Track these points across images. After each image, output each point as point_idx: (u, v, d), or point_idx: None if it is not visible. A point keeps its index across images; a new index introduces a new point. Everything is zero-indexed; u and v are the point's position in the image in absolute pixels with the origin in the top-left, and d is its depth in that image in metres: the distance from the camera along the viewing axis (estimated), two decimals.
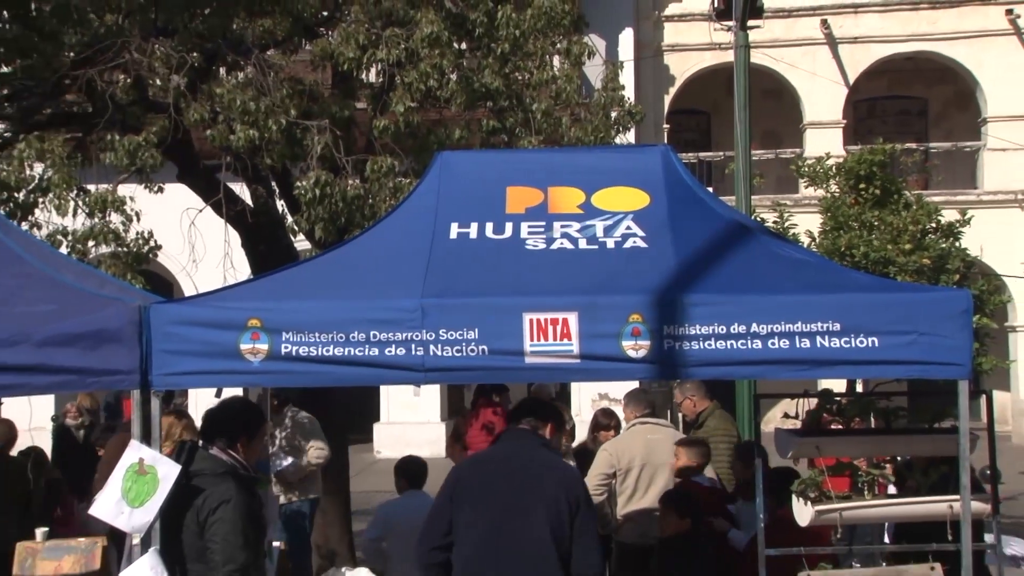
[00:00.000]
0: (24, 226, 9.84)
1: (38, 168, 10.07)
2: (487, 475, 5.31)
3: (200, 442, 5.40)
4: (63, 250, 9.85)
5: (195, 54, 9.82)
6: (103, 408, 16.55)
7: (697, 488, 7.32)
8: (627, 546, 7.80)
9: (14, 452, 9.43)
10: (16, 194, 9.91)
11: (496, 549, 5.09)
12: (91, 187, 10.47)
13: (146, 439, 5.05)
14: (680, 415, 9.29)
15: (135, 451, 4.98)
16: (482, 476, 5.32)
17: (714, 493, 7.59)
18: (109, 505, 4.92)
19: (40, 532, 7.88)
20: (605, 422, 9.10)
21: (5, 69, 9.83)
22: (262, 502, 5.74)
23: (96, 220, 10.17)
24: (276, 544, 7.14)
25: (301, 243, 11.51)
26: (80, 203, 10.26)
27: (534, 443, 5.37)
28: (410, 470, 7.94)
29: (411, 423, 21.80)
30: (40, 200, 10.04)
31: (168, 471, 4.94)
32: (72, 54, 9.74)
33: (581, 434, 9.72)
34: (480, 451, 6.73)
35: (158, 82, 10.21)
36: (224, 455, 5.21)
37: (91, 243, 10.26)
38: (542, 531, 5.05)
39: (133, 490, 4.90)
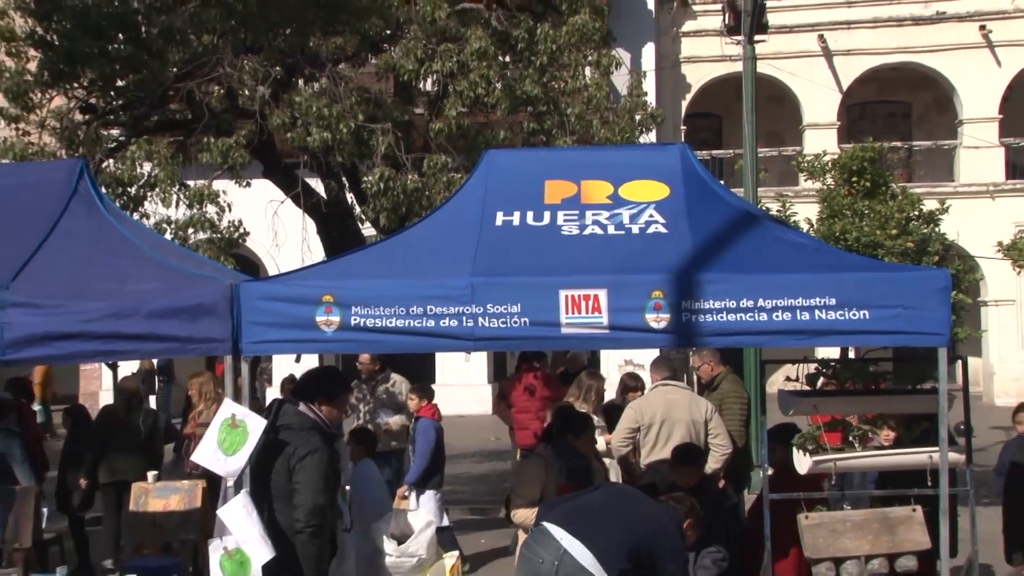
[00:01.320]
0: (135, 216, 9.96)
1: (147, 167, 10.19)
2: (620, 499, 5.15)
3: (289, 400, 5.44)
4: (167, 236, 9.97)
5: (278, 68, 9.88)
6: (157, 371, 17.37)
7: None
8: (648, 490, 7.68)
9: None
10: (129, 189, 10.05)
11: (580, 519, 4.84)
12: (190, 182, 10.59)
13: (237, 397, 5.10)
14: (696, 378, 9.19)
15: (228, 407, 5.02)
16: (616, 499, 5.17)
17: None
18: (207, 453, 4.96)
19: (151, 475, 7.99)
20: (632, 384, 9.07)
21: (120, 83, 9.93)
22: (339, 455, 5.76)
23: (195, 211, 10.28)
24: (348, 487, 7.17)
25: (368, 230, 11.55)
26: (181, 196, 10.37)
27: (666, 515, 5.11)
28: (371, 440, 7.76)
29: (462, 385, 21.79)
30: (148, 194, 10.17)
31: (256, 425, 4.97)
32: (175, 69, 9.83)
33: (610, 396, 9.70)
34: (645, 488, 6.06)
35: (246, 92, 10.28)
36: (309, 412, 5.24)
37: (190, 230, 10.39)
38: (612, 545, 4.71)
39: (227, 441, 4.93)
